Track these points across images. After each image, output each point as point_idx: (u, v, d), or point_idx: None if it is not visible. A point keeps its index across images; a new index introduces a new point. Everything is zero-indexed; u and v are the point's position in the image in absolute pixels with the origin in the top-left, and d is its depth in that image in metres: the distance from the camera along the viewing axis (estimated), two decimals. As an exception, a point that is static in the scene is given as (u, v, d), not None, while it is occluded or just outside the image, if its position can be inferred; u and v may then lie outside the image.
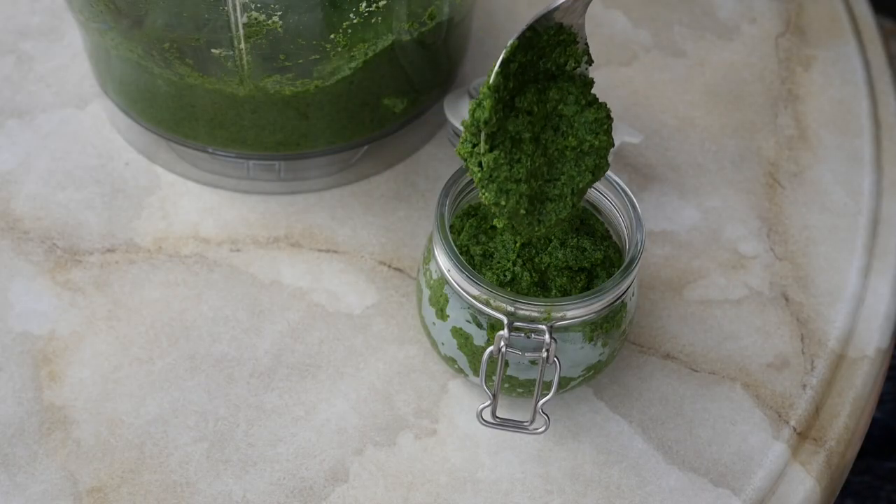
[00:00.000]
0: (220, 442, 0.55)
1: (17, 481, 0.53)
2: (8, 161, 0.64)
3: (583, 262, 0.53)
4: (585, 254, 0.53)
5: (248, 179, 0.63)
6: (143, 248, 0.61)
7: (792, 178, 0.66)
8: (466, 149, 0.50)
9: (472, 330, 0.52)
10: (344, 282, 0.60)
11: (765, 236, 0.63)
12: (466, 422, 0.56)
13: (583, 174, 0.51)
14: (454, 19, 0.60)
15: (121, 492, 0.53)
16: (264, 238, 0.62)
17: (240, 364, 0.57)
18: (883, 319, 0.61)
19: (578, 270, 0.53)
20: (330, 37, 0.55)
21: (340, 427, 0.56)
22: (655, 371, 0.58)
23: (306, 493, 0.54)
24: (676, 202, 0.65)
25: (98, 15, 0.56)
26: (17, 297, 0.59)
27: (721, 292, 0.61)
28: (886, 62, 0.72)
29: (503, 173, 0.50)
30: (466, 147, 0.50)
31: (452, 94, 0.63)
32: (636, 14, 0.73)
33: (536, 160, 0.50)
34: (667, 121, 0.68)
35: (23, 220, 0.62)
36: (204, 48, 0.55)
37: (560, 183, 0.51)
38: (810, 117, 0.69)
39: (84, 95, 0.67)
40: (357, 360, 0.58)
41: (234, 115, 0.59)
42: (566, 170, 0.51)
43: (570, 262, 0.53)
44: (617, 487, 0.54)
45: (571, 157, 0.51)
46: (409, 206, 0.63)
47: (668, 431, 0.56)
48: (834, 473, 0.56)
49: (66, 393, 0.56)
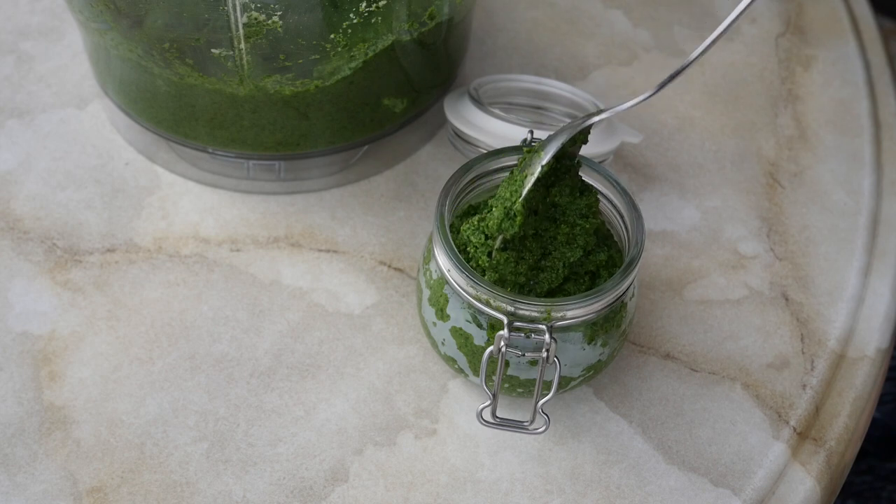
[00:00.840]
0: (220, 442, 0.55)
1: (17, 481, 0.53)
2: (8, 161, 0.64)
3: (587, 265, 0.53)
4: (590, 256, 0.53)
5: (248, 179, 0.63)
6: (143, 248, 0.61)
7: (792, 178, 0.66)
8: (479, 238, 0.52)
9: (472, 330, 0.52)
10: (344, 282, 0.60)
11: (765, 236, 0.63)
12: (466, 422, 0.56)
13: (574, 251, 0.53)
14: (454, 19, 0.60)
15: (121, 492, 0.53)
16: (264, 238, 0.62)
17: (240, 364, 0.57)
18: (883, 319, 0.61)
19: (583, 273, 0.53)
20: (330, 37, 0.55)
21: (340, 427, 0.56)
22: (655, 371, 0.58)
23: (306, 493, 0.54)
24: (676, 202, 0.65)
25: (98, 15, 0.56)
26: (17, 297, 0.59)
27: (721, 292, 0.61)
28: (886, 62, 0.72)
29: (509, 268, 0.52)
30: (478, 237, 0.52)
31: (452, 94, 0.63)
32: (636, 14, 0.73)
33: (536, 252, 0.53)
34: (667, 121, 0.68)
35: (23, 220, 0.62)
36: (204, 48, 0.55)
37: (552, 258, 0.53)
38: (810, 117, 0.69)
39: (84, 95, 0.67)
40: (357, 360, 0.58)
41: (234, 115, 0.59)
42: (559, 248, 0.53)
43: (575, 267, 0.53)
44: (617, 487, 0.54)
45: (563, 240, 0.53)
46: (409, 206, 0.63)
47: (668, 431, 0.56)
48: (834, 473, 0.56)
49: (66, 393, 0.56)
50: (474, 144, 0.60)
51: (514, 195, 0.52)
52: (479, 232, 0.52)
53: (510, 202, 0.52)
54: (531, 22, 0.72)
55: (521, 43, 0.71)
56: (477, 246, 0.52)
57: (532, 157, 0.52)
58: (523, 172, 0.52)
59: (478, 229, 0.52)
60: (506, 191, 0.52)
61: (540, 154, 0.52)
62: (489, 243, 0.52)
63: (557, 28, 0.72)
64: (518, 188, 0.52)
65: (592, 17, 0.73)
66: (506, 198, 0.52)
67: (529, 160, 0.52)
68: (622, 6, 0.74)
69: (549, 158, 0.51)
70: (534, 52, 0.71)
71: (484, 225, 0.52)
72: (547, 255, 0.53)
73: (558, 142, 0.52)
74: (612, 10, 0.73)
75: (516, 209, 0.51)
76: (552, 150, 0.51)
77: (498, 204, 0.52)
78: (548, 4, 0.73)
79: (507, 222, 0.52)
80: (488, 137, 0.59)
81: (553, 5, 0.73)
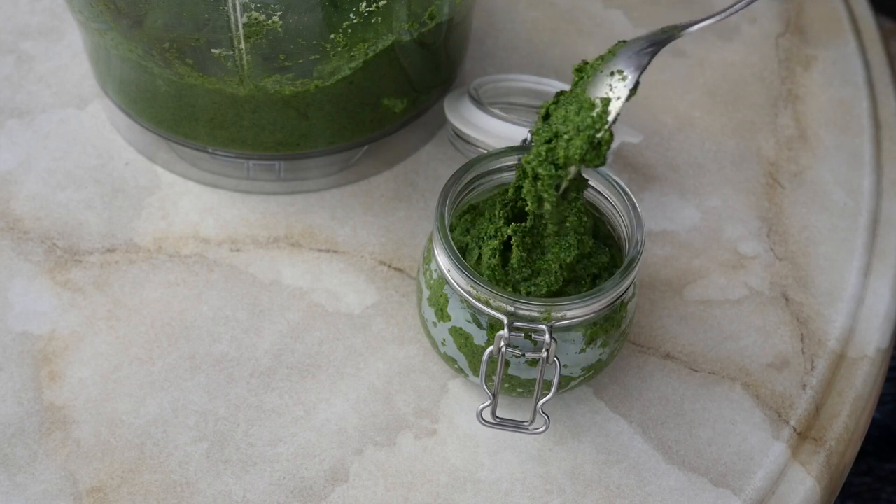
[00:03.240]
0: (220, 442, 0.55)
1: (17, 481, 0.53)
2: (8, 161, 0.64)
3: (591, 268, 0.53)
4: (592, 259, 0.53)
5: (248, 179, 0.63)
6: (143, 248, 0.61)
7: (792, 178, 0.66)
8: (548, 170, 0.49)
9: (472, 330, 0.52)
10: (344, 282, 0.60)
11: (765, 236, 0.63)
12: (466, 422, 0.56)
13: (567, 250, 0.52)
14: (454, 19, 0.60)
15: (121, 492, 0.53)
16: (264, 238, 0.62)
17: (240, 364, 0.57)
18: (883, 319, 0.61)
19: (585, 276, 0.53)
20: (330, 37, 0.55)
21: (340, 427, 0.56)
22: (655, 371, 0.58)
23: (306, 493, 0.54)
24: (676, 202, 0.65)
25: (98, 15, 0.56)
26: (17, 297, 0.59)
27: (721, 292, 0.61)
28: (886, 62, 0.72)
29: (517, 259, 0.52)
30: (548, 168, 0.49)
31: (452, 94, 0.63)
32: (636, 14, 0.73)
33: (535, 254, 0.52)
34: (667, 121, 0.68)
35: (23, 220, 0.62)
36: (204, 48, 0.55)
37: (548, 259, 0.52)
38: (810, 117, 0.69)
39: (84, 95, 0.67)
40: (357, 360, 0.58)
41: (234, 115, 0.59)
42: (553, 248, 0.52)
43: (578, 271, 0.53)
44: (617, 487, 0.54)
45: (553, 240, 0.52)
46: (409, 206, 0.63)
47: (668, 431, 0.56)
48: (834, 473, 0.56)
49: (66, 393, 0.56)
50: (474, 144, 0.60)
51: (596, 122, 0.46)
52: (548, 163, 0.48)
53: (592, 129, 0.46)
54: (531, 22, 0.72)
55: (521, 43, 0.71)
56: (545, 178, 0.48)
57: (602, 78, 0.47)
58: (605, 97, 0.46)
59: (546, 160, 0.47)
60: (573, 114, 0.47)
61: (624, 76, 0.46)
62: (561, 173, 0.48)
63: (557, 28, 0.72)
64: (602, 113, 0.46)
65: (592, 16, 0.73)
66: (579, 124, 0.47)
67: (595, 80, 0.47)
68: (622, 6, 0.74)
69: (635, 79, 0.46)
70: (534, 52, 0.71)
71: (556, 156, 0.47)
72: (543, 257, 0.53)
73: (643, 60, 0.46)
74: (612, 9, 0.73)
75: (604, 138, 0.46)
76: (637, 71, 0.46)
77: (569, 129, 0.47)
78: (548, 4, 0.73)
79: (593, 153, 0.47)
80: (488, 137, 0.59)
81: (553, 5, 0.73)
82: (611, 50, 0.50)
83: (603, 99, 0.47)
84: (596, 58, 0.50)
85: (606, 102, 0.47)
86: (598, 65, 0.49)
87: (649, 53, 0.47)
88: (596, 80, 0.48)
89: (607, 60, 0.48)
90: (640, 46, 0.48)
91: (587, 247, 0.53)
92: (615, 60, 0.48)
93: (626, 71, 0.48)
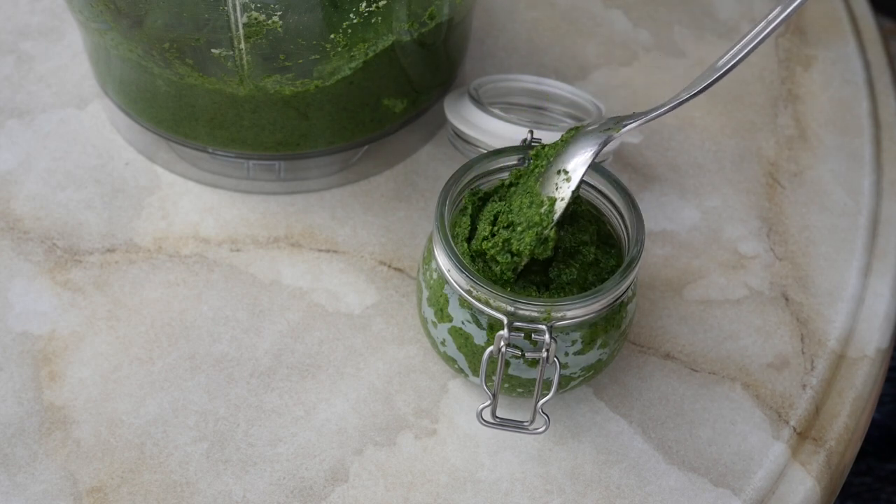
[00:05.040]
0: (220, 442, 0.55)
1: (17, 481, 0.53)
2: (8, 161, 0.64)
3: (602, 274, 0.53)
4: (600, 265, 0.53)
5: (248, 179, 0.63)
6: (143, 248, 0.61)
7: (792, 178, 0.66)
8: (505, 259, 0.52)
9: (472, 330, 0.52)
10: (344, 282, 0.60)
11: (765, 236, 0.63)
12: (466, 422, 0.56)
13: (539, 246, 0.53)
14: (454, 19, 0.60)
15: (121, 492, 0.53)
16: (264, 238, 0.62)
17: (240, 364, 0.57)
18: (883, 319, 0.61)
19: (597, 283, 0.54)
20: (330, 37, 0.55)
21: (340, 427, 0.56)
22: (655, 371, 0.58)
23: (306, 493, 0.54)
24: (676, 202, 0.65)
25: (98, 15, 0.56)
26: (17, 297, 0.59)
27: (721, 292, 0.61)
28: (886, 62, 0.72)
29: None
30: (505, 257, 0.52)
31: (452, 94, 0.63)
32: (636, 14, 0.73)
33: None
34: (667, 121, 0.68)
35: (23, 220, 0.62)
36: (204, 48, 0.55)
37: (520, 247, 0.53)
38: (810, 117, 0.69)
39: (84, 95, 0.67)
40: (357, 360, 0.58)
41: (234, 115, 0.59)
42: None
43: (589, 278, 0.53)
44: (617, 487, 0.54)
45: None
46: (409, 206, 0.63)
47: (668, 431, 0.56)
48: (834, 473, 0.56)
49: (66, 393, 0.56)
50: (474, 144, 0.60)
51: (543, 220, 0.51)
52: (505, 252, 0.52)
53: (539, 226, 0.51)
54: (531, 22, 0.72)
55: (521, 43, 0.71)
56: (503, 263, 0.52)
57: (552, 171, 0.52)
58: (552, 196, 0.52)
59: (503, 250, 0.52)
60: (526, 207, 0.52)
61: (569, 176, 0.52)
62: (516, 260, 0.52)
63: (557, 28, 0.72)
64: (548, 212, 0.51)
65: (592, 16, 0.73)
66: (530, 219, 0.52)
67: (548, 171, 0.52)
68: (622, 6, 0.74)
69: (578, 180, 0.51)
70: (534, 52, 0.71)
71: (511, 246, 0.52)
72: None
73: (587, 161, 0.51)
74: (611, 9, 0.73)
75: (550, 235, 0.51)
76: (581, 171, 0.51)
77: (522, 222, 0.52)
78: (548, 4, 0.73)
79: (541, 247, 0.52)
80: (488, 137, 0.59)
81: (553, 5, 0.73)
82: (563, 137, 0.53)
83: (549, 198, 0.52)
84: (550, 145, 0.54)
85: (552, 202, 0.52)
86: (550, 153, 0.53)
87: (593, 153, 0.51)
88: (549, 171, 0.52)
89: (559, 151, 0.53)
90: (587, 143, 0.52)
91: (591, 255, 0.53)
92: (564, 157, 0.52)
93: (571, 172, 0.52)
